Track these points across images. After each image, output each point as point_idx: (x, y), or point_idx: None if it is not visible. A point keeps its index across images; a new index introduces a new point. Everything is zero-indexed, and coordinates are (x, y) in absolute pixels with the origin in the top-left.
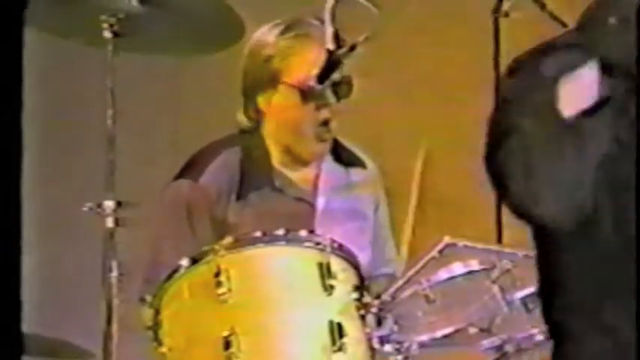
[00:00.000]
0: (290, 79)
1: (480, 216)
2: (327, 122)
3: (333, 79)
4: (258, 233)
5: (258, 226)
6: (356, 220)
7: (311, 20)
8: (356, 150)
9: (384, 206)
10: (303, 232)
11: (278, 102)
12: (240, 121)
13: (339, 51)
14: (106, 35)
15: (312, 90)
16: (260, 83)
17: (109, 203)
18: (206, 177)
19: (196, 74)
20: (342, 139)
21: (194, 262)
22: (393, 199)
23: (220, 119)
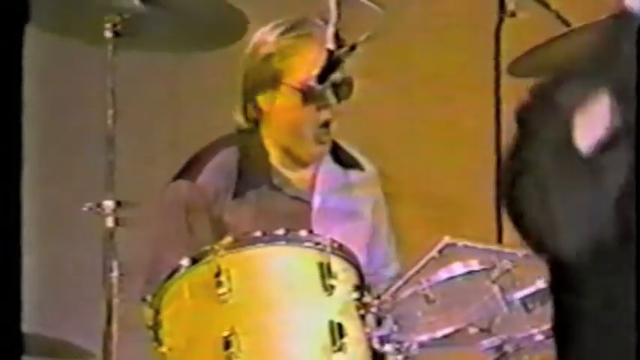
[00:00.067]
0: (291, 80)
1: (480, 216)
2: (327, 124)
3: (334, 80)
4: (258, 233)
5: (255, 224)
6: (353, 220)
7: (314, 20)
8: (355, 153)
9: (383, 207)
10: (304, 232)
11: (279, 103)
12: (237, 120)
13: (340, 50)
14: (107, 35)
15: (313, 91)
16: (261, 83)
17: (109, 203)
18: (203, 177)
19: (196, 74)
20: (343, 140)
21: (194, 262)
22: (393, 200)
23: (220, 119)
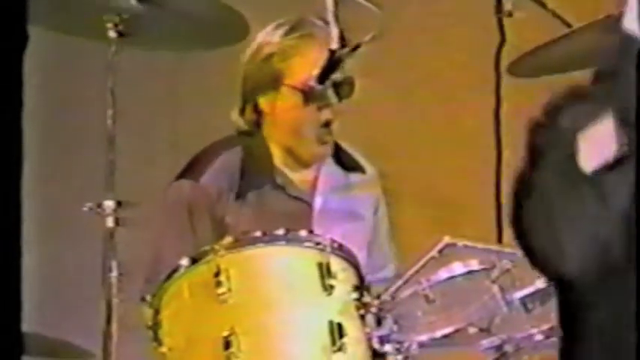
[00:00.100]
0: (292, 81)
1: (480, 216)
2: (328, 123)
3: (335, 80)
4: (258, 233)
5: (256, 225)
6: (353, 221)
7: (315, 20)
8: (356, 155)
9: (384, 209)
10: (303, 232)
11: (280, 104)
12: (235, 121)
13: (342, 50)
14: (111, 35)
15: (314, 91)
16: (261, 84)
17: (109, 203)
18: (207, 177)
19: (196, 74)
20: (343, 139)
21: (194, 261)
22: (393, 200)
23: (220, 120)
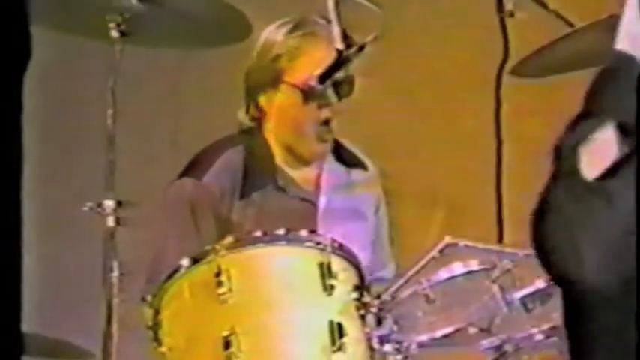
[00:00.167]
0: (292, 79)
1: (481, 216)
2: (328, 122)
3: (335, 78)
4: (258, 233)
5: (261, 225)
6: (357, 220)
7: (317, 19)
8: (357, 151)
9: (384, 209)
10: (304, 232)
11: (279, 101)
12: (241, 120)
13: (349, 51)
14: (114, 35)
15: (313, 89)
16: (262, 83)
17: (110, 203)
18: (209, 176)
19: (198, 74)
20: (344, 139)
21: (195, 261)
22: (393, 199)
23: (221, 119)
